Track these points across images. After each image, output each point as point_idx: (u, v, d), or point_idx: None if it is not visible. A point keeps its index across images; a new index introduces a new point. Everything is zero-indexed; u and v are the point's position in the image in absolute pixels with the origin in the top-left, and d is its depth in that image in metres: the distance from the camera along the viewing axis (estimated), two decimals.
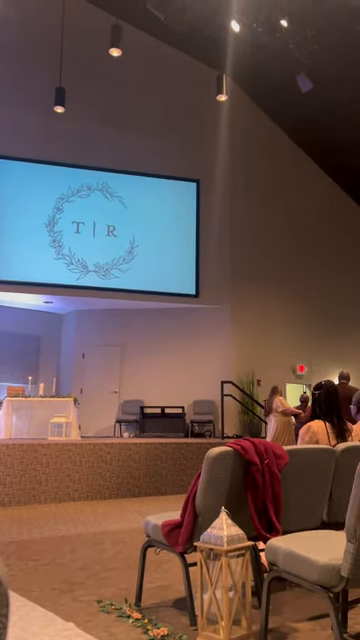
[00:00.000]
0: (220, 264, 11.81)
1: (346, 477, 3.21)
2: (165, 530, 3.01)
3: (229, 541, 2.62)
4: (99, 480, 7.66)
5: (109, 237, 11.23)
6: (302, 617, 2.99)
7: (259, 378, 11.83)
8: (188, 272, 11.56)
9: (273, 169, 13.05)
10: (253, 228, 12.44)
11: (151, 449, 8.18)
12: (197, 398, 11.41)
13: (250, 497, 2.97)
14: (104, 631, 2.79)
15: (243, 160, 12.32)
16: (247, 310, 11.99)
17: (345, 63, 10.34)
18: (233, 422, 11.20)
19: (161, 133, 11.80)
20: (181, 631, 2.77)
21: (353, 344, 13.68)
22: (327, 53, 9.68)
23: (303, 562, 2.38)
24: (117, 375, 11.79)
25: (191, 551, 2.90)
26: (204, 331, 11.73)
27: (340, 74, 10.62)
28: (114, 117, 11.55)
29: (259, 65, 10.95)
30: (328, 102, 11.42)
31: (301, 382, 12.63)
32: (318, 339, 13.14)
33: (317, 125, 12.47)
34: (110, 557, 4.37)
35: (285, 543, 2.54)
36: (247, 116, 12.62)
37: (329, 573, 2.28)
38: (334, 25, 9.24)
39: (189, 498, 2.95)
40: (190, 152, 11.93)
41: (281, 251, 12.89)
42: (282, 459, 3.09)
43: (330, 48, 9.67)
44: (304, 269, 13.28)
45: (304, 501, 3.19)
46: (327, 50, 9.56)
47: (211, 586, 2.64)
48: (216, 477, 2.93)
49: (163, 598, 3.35)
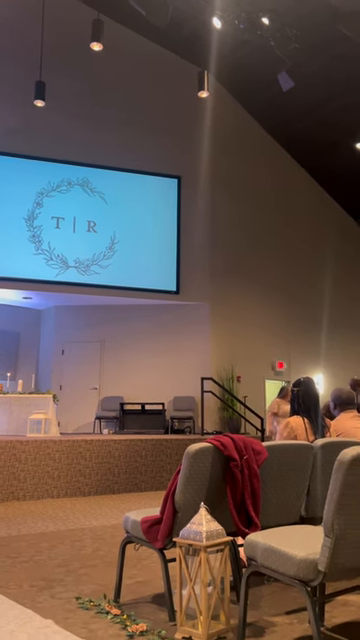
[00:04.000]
0: (201, 261, 11.83)
1: (324, 473, 3.24)
2: (144, 526, 3.02)
3: (208, 536, 2.63)
4: (78, 477, 7.63)
5: (89, 233, 11.16)
6: (280, 611, 3.02)
7: (239, 374, 11.88)
8: (169, 269, 11.55)
9: (254, 167, 13.09)
10: (234, 225, 12.47)
11: (131, 446, 8.17)
12: (177, 394, 11.43)
13: (229, 493, 2.98)
14: (83, 627, 2.79)
15: (224, 157, 12.34)
16: (227, 307, 12.03)
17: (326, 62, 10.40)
18: (213, 418, 11.24)
19: (142, 129, 11.75)
20: (160, 626, 2.78)
21: (331, 341, 13.81)
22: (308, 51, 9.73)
23: (281, 557, 2.40)
24: (97, 371, 11.75)
25: (170, 547, 2.91)
26: (184, 328, 11.74)
27: (320, 73, 10.68)
28: (95, 112, 11.47)
29: (241, 63, 10.97)
30: (308, 101, 11.49)
31: (280, 378, 12.72)
32: (297, 336, 13.25)
33: (297, 123, 12.53)
34: (89, 554, 4.36)
35: (264, 538, 2.56)
36: (228, 113, 12.64)
37: (307, 567, 2.31)
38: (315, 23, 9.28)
39: (168, 494, 2.96)
40: (172, 148, 11.91)
41: (261, 248, 12.95)
42: (261, 455, 3.11)
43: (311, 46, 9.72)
44: (283, 266, 13.36)
45: (283, 496, 3.22)
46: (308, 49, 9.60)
47: (190, 581, 2.65)
48: (195, 473, 2.94)
49: (142, 594, 3.35)
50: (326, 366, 13.55)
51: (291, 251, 13.61)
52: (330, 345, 13.77)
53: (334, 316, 14.03)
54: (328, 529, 2.30)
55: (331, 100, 11.39)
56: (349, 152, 12.15)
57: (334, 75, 10.77)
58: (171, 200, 11.79)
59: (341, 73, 10.67)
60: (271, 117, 12.91)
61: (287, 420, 3.96)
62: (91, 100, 11.50)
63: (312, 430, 3.83)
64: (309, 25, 9.18)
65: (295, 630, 2.77)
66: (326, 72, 10.71)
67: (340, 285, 14.40)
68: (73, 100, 11.34)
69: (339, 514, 2.29)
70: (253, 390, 11.97)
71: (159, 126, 11.89)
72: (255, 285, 12.63)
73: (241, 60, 10.82)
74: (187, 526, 2.72)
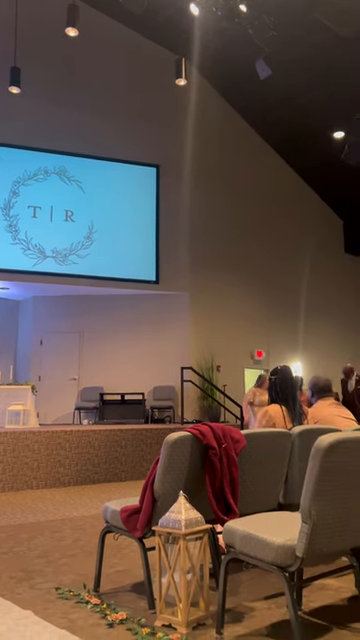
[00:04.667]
0: (180, 250, 11.80)
1: (302, 459, 3.27)
2: (124, 515, 3.02)
3: (187, 525, 2.64)
4: (58, 467, 7.61)
5: (67, 222, 11.05)
6: (258, 596, 3.05)
7: (218, 364, 11.93)
8: (148, 258, 11.51)
9: (233, 155, 13.07)
10: (213, 214, 12.46)
11: (110, 436, 8.16)
12: (157, 384, 11.43)
13: (208, 481, 3.00)
14: (62, 617, 2.79)
15: (203, 146, 12.29)
16: (207, 296, 12.04)
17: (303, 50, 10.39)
18: (193, 407, 11.28)
19: (120, 117, 11.63)
20: (140, 615, 2.79)
21: (309, 329, 13.93)
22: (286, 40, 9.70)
23: (260, 543, 2.42)
24: (76, 362, 11.69)
25: (150, 536, 2.92)
26: (164, 317, 11.73)
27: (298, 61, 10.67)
28: (72, 99, 11.32)
29: (219, 50, 10.90)
30: (286, 89, 11.48)
31: (259, 367, 12.80)
32: (276, 325, 13.33)
33: (274, 112, 12.53)
34: (69, 544, 4.36)
35: (242, 525, 2.58)
36: (207, 102, 12.57)
37: (285, 553, 2.33)
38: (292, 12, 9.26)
39: (148, 483, 2.96)
40: (150, 137, 11.82)
41: (240, 237, 12.97)
42: (240, 443, 3.13)
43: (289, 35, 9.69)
44: (262, 255, 13.40)
45: (261, 484, 3.25)
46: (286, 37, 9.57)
47: (169, 569, 2.66)
48: (175, 462, 2.94)
49: (122, 583, 3.36)
50: (304, 354, 13.68)
51: (270, 240, 13.66)
52: (308, 333, 13.89)
53: (312, 305, 14.14)
54: (305, 515, 2.32)
55: (309, 89, 11.40)
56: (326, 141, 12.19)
57: (312, 64, 10.77)
58: (150, 189, 11.72)
59: (319, 62, 10.68)
60: (250, 106, 12.89)
61: (265, 408, 3.99)
62: (67, 87, 11.33)
63: (290, 418, 3.86)
64: (287, 13, 9.16)
65: (273, 615, 2.80)
66: (304, 61, 10.71)
67: (318, 273, 14.51)
68: (49, 87, 11.17)
69: (316, 500, 2.31)
70: (232, 379, 12.03)
71: (137, 114, 11.78)
72: (234, 274, 12.66)
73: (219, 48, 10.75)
74: (166, 515, 2.72)
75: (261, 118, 13.17)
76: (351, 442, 2.41)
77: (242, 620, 2.74)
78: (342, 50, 10.00)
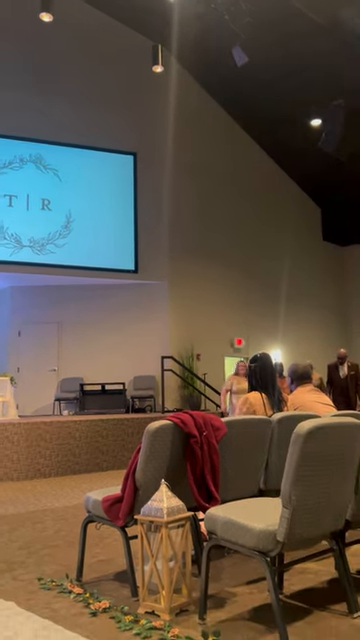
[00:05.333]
0: (159, 239, 11.76)
1: (282, 446, 3.30)
2: (106, 505, 3.02)
3: (169, 512, 2.65)
4: (38, 459, 7.57)
5: (44, 211, 10.92)
6: (240, 582, 3.08)
7: (198, 352, 11.96)
8: (127, 247, 11.44)
9: (211, 143, 13.02)
10: (191, 203, 12.42)
11: (91, 426, 8.15)
12: (137, 374, 11.42)
13: (189, 469, 3.01)
14: (45, 607, 2.78)
15: (180, 134, 12.21)
16: (186, 285, 12.04)
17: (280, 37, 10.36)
18: (174, 396, 11.31)
19: (97, 105, 11.49)
20: (123, 603, 2.80)
21: (289, 317, 14.03)
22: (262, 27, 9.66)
23: (241, 529, 2.44)
24: (55, 353, 11.61)
25: (132, 524, 2.92)
26: (144, 307, 11.70)
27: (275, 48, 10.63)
28: (47, 87, 11.14)
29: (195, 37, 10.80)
30: (262, 77, 11.44)
31: (239, 355, 12.87)
32: (255, 313, 13.39)
33: (252, 100, 12.50)
34: (51, 535, 4.35)
35: (223, 512, 2.60)
36: (184, 89, 12.48)
37: (266, 539, 2.35)
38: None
39: (129, 472, 2.96)
40: (127, 125, 11.71)
41: (219, 226, 12.96)
42: (220, 431, 3.14)
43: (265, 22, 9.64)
44: (241, 243, 13.42)
45: (242, 470, 3.27)
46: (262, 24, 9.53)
47: (152, 557, 2.67)
48: (156, 451, 2.95)
49: (105, 572, 3.37)
50: (284, 342, 13.78)
51: (249, 228, 13.68)
52: (288, 321, 13.99)
53: (291, 292, 14.23)
54: (286, 500, 2.34)
55: (287, 76, 11.38)
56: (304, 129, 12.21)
57: (289, 51, 10.74)
58: (127, 177, 11.63)
59: (296, 49, 10.65)
60: (227, 93, 12.83)
61: (246, 396, 4.00)
62: (43, 74, 11.14)
63: (270, 405, 3.89)
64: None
65: (255, 599, 2.84)
66: (281, 48, 10.67)
67: (297, 261, 14.59)
68: (24, 74, 10.97)
69: (296, 485, 2.34)
70: (213, 367, 12.08)
71: (114, 102, 11.65)
72: (214, 263, 12.66)
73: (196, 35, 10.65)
74: (148, 503, 2.73)
75: (238, 105, 13.13)
76: (330, 428, 2.44)
77: (224, 605, 2.77)
78: (319, 37, 9.98)
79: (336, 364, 9.35)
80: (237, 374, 8.53)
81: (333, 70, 10.79)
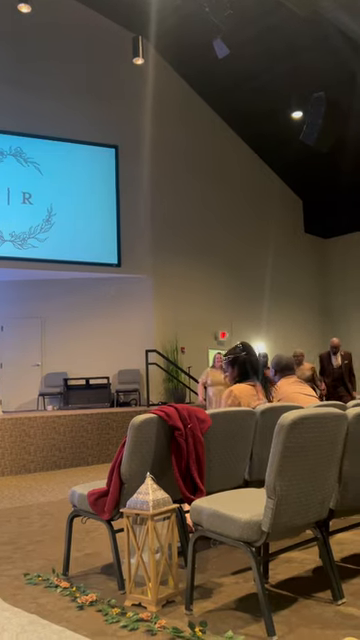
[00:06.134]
0: (142, 232, 11.72)
1: (266, 437, 3.33)
2: (91, 499, 3.02)
3: (155, 505, 2.66)
4: (23, 454, 7.54)
5: (25, 205, 10.81)
6: (226, 572, 3.11)
7: (183, 346, 11.98)
8: (109, 241, 11.39)
9: (193, 137, 12.99)
10: (174, 196, 12.40)
11: (76, 421, 8.13)
12: (122, 368, 11.41)
13: (174, 461, 3.02)
14: (32, 602, 2.78)
15: (162, 127, 12.16)
16: (170, 278, 12.03)
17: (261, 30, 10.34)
18: (158, 390, 11.32)
19: (77, 97, 11.39)
20: (110, 596, 2.81)
21: (272, 310, 14.10)
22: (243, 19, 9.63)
23: (226, 520, 2.46)
24: (38, 348, 11.54)
25: (118, 518, 2.93)
26: (127, 300, 11.67)
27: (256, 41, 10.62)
28: (27, 79, 11.01)
29: (176, 29, 10.75)
30: (243, 69, 11.42)
31: (223, 348, 12.90)
32: (239, 306, 13.44)
33: (233, 92, 12.48)
34: (36, 530, 4.34)
35: (209, 503, 2.61)
36: (166, 81, 12.42)
37: (251, 529, 2.38)
38: None
39: (114, 466, 2.97)
40: (108, 117, 11.62)
41: (203, 219, 12.96)
42: (205, 423, 3.16)
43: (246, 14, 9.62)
44: (225, 236, 13.44)
45: (227, 462, 3.29)
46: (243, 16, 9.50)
47: (138, 550, 2.68)
48: (141, 444, 2.95)
49: (91, 566, 3.38)
50: (267, 334, 13.85)
51: (232, 221, 13.70)
52: (271, 313, 14.06)
53: (274, 285, 14.30)
54: (270, 491, 2.37)
55: (268, 69, 11.37)
56: (285, 121, 12.23)
57: (270, 43, 10.73)
58: (109, 170, 11.56)
59: (277, 41, 10.65)
60: (209, 86, 12.80)
61: (230, 389, 4.01)
62: (23, 66, 11.01)
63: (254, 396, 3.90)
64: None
65: (241, 589, 2.86)
66: (262, 40, 10.66)
67: (279, 253, 14.65)
68: (3, 66, 10.83)
69: (280, 476, 2.36)
70: (197, 360, 12.10)
71: (94, 95, 11.56)
72: (197, 255, 12.67)
73: (177, 27, 10.60)
74: (134, 496, 2.74)
75: (220, 98, 13.11)
76: (313, 418, 2.46)
77: (211, 596, 2.79)
78: (300, 29, 9.99)
79: (328, 354, 9.04)
80: (214, 367, 8.42)
81: (314, 62, 10.81)
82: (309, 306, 15.56)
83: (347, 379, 8.77)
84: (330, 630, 2.36)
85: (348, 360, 8.85)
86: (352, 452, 2.75)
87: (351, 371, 8.88)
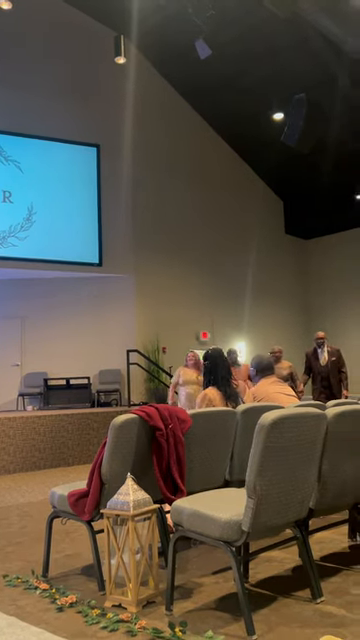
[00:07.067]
0: (123, 232, 11.68)
1: (246, 437, 3.34)
2: (71, 500, 3.00)
3: (135, 505, 2.66)
4: (2, 455, 7.47)
5: (5, 203, 10.70)
6: (206, 572, 3.12)
7: (164, 346, 11.97)
8: (91, 240, 11.32)
9: (175, 137, 12.99)
10: (156, 196, 12.38)
11: (56, 421, 8.08)
12: (103, 368, 11.36)
13: (155, 461, 3.02)
14: (11, 604, 2.76)
15: (144, 126, 12.13)
16: (151, 278, 12.01)
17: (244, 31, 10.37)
18: (139, 390, 11.29)
19: (58, 95, 11.30)
20: (90, 597, 2.80)
21: (252, 310, 14.15)
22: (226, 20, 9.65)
23: (207, 520, 2.46)
24: (18, 347, 11.44)
25: (98, 519, 2.92)
26: (109, 300, 11.63)
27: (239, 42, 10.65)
28: (7, 77, 10.89)
29: (159, 29, 10.73)
30: (225, 70, 11.44)
31: (205, 348, 12.90)
32: (220, 306, 13.46)
33: (215, 92, 12.49)
34: (16, 531, 4.30)
35: (189, 504, 2.61)
36: (148, 81, 12.39)
37: (231, 529, 2.38)
38: None
39: (95, 467, 2.95)
40: (89, 116, 11.56)
41: (184, 219, 12.96)
42: (186, 423, 3.16)
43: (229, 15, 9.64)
44: (207, 236, 13.45)
45: (207, 462, 3.30)
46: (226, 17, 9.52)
47: (118, 550, 2.67)
48: (121, 444, 2.94)
49: (71, 567, 3.36)
50: (249, 334, 13.91)
51: (214, 221, 13.72)
52: (252, 314, 14.12)
53: (256, 285, 14.36)
54: (250, 490, 2.38)
55: (250, 70, 11.41)
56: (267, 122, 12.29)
57: (253, 45, 10.77)
58: (90, 169, 11.49)
59: (259, 43, 10.69)
60: (191, 86, 12.79)
61: (204, 392, 4.08)
62: (3, 64, 10.90)
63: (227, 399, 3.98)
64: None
65: (221, 589, 2.87)
66: (245, 41, 10.69)
67: (261, 254, 14.71)
68: None
69: (261, 475, 2.37)
70: (178, 360, 12.04)
71: (76, 93, 11.48)
72: (179, 256, 12.67)
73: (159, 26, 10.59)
74: (114, 497, 2.73)
75: (201, 98, 13.11)
76: (293, 418, 2.48)
77: (191, 596, 2.79)
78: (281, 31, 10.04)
79: (314, 350, 8.09)
80: (186, 365, 7.99)
81: (296, 63, 10.87)
82: (290, 306, 15.65)
83: (335, 379, 7.83)
84: (309, 629, 2.38)
85: (336, 357, 7.90)
86: (331, 451, 2.78)
87: (340, 369, 7.92)
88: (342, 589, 2.78)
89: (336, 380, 7.86)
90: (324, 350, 7.97)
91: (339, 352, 8.00)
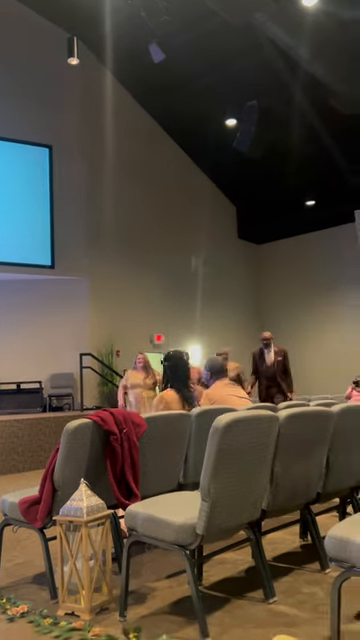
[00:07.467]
0: (76, 234, 11.56)
1: (200, 440, 3.36)
2: (23, 507, 2.94)
3: (89, 511, 2.63)
4: None
5: None
6: (160, 576, 3.11)
7: (118, 349, 11.90)
8: (43, 242, 11.15)
9: (128, 140, 12.94)
10: (109, 198, 12.29)
11: (6, 427, 7.90)
12: (54, 371, 11.19)
13: (109, 466, 3.00)
14: None
15: (97, 128, 12.05)
16: (105, 281, 11.92)
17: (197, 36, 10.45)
18: (93, 394, 11.19)
19: (10, 96, 11.08)
20: (42, 606, 2.74)
21: (205, 313, 14.25)
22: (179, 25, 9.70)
23: (161, 525, 2.46)
24: None
25: (50, 525, 2.87)
26: (61, 303, 11.47)
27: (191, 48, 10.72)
28: None
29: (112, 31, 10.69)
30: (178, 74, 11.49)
31: (159, 351, 12.92)
32: (173, 309, 13.50)
33: (168, 96, 12.53)
34: None
35: (143, 508, 2.61)
36: (101, 84, 12.32)
37: (185, 532, 2.39)
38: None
39: (47, 473, 2.91)
40: (41, 117, 11.38)
41: (138, 221, 12.93)
42: (140, 427, 3.15)
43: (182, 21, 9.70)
44: (160, 239, 13.47)
45: (162, 465, 3.30)
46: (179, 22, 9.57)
47: (71, 557, 2.64)
48: (75, 450, 2.91)
49: (22, 575, 3.29)
50: (202, 337, 13.99)
51: (168, 224, 13.75)
52: (205, 317, 14.21)
53: (208, 289, 14.46)
54: (205, 493, 2.39)
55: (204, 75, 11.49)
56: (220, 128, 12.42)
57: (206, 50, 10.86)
58: (42, 170, 11.33)
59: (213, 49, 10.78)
60: (143, 88, 12.79)
61: (161, 395, 4.07)
62: None
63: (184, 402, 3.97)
64: None
65: (175, 592, 2.87)
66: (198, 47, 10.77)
67: (214, 258, 14.83)
68: None
69: (215, 478, 2.39)
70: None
71: (28, 94, 11.29)
72: (133, 259, 12.63)
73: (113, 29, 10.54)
74: (67, 503, 2.69)
75: (155, 101, 13.14)
76: (246, 421, 2.51)
77: (145, 601, 2.78)
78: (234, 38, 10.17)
79: (261, 351, 7.93)
80: (135, 368, 7.86)
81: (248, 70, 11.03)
82: (243, 309, 15.84)
83: (280, 378, 7.71)
84: (262, 629, 2.40)
85: (282, 357, 7.79)
86: (283, 453, 2.83)
87: (286, 369, 7.81)
88: (294, 588, 2.83)
89: (282, 380, 7.74)
90: (270, 350, 7.83)
91: (285, 352, 7.89)
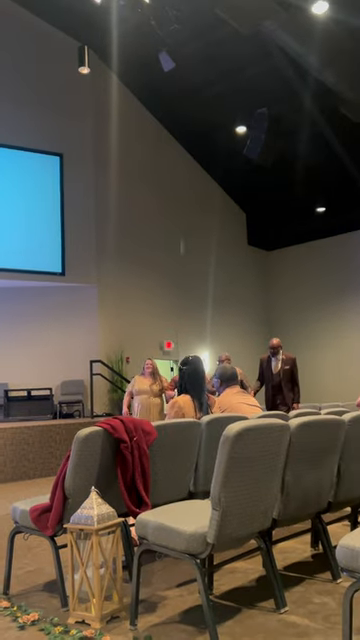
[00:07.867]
0: (87, 241, 11.62)
1: (210, 448, 3.35)
2: (34, 515, 2.95)
3: (99, 520, 2.63)
4: None
5: None
6: (171, 585, 3.10)
7: (128, 356, 11.91)
8: (54, 249, 11.22)
9: (139, 147, 13.02)
10: (120, 205, 12.36)
11: (17, 434, 7.93)
12: (65, 378, 11.23)
13: (120, 474, 3.00)
14: None
15: (108, 136, 12.12)
16: (115, 288, 11.96)
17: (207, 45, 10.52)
18: (103, 400, 11.20)
19: (22, 104, 11.19)
20: (52, 614, 2.75)
21: (215, 319, 14.24)
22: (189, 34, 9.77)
23: (171, 533, 2.46)
24: None
25: (61, 533, 2.88)
26: (71, 310, 11.52)
27: (201, 56, 10.79)
28: None
29: (122, 40, 10.78)
30: (190, 82, 11.57)
31: (169, 358, 12.93)
32: (183, 316, 13.50)
33: (179, 104, 12.60)
34: None
35: (154, 516, 2.60)
36: (112, 92, 12.40)
37: (196, 541, 2.38)
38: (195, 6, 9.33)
39: (58, 481, 2.91)
40: (52, 125, 11.48)
41: (147, 229, 12.98)
42: (151, 435, 3.15)
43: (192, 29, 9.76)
44: (170, 247, 13.50)
45: (172, 474, 3.29)
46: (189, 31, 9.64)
47: (82, 565, 2.64)
48: (85, 457, 2.91)
49: (33, 583, 3.29)
50: (212, 344, 13.97)
51: (177, 232, 13.78)
52: (215, 324, 14.20)
53: (218, 296, 14.46)
54: (215, 502, 2.38)
55: (214, 83, 11.55)
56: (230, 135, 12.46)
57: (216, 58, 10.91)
58: (54, 179, 11.41)
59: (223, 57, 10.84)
60: (154, 97, 12.87)
61: (175, 399, 4.03)
62: None
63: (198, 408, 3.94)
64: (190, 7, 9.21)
65: (186, 601, 2.86)
66: (208, 55, 10.83)
67: (224, 265, 14.84)
68: None
69: (225, 487, 2.38)
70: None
71: (40, 102, 11.39)
72: (142, 266, 12.66)
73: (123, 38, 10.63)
74: (78, 511, 2.70)
75: (165, 109, 13.20)
76: (257, 430, 2.51)
77: (155, 610, 2.77)
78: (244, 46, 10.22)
79: (269, 358, 7.63)
80: (142, 374, 7.82)
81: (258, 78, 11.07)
82: (252, 316, 15.82)
83: (286, 387, 7.42)
84: (273, 639, 2.39)
85: (290, 365, 7.50)
86: (294, 462, 2.81)
87: (293, 379, 7.51)
88: (305, 598, 2.81)
89: (288, 390, 7.46)
90: (278, 358, 7.57)
91: (294, 361, 7.61)
